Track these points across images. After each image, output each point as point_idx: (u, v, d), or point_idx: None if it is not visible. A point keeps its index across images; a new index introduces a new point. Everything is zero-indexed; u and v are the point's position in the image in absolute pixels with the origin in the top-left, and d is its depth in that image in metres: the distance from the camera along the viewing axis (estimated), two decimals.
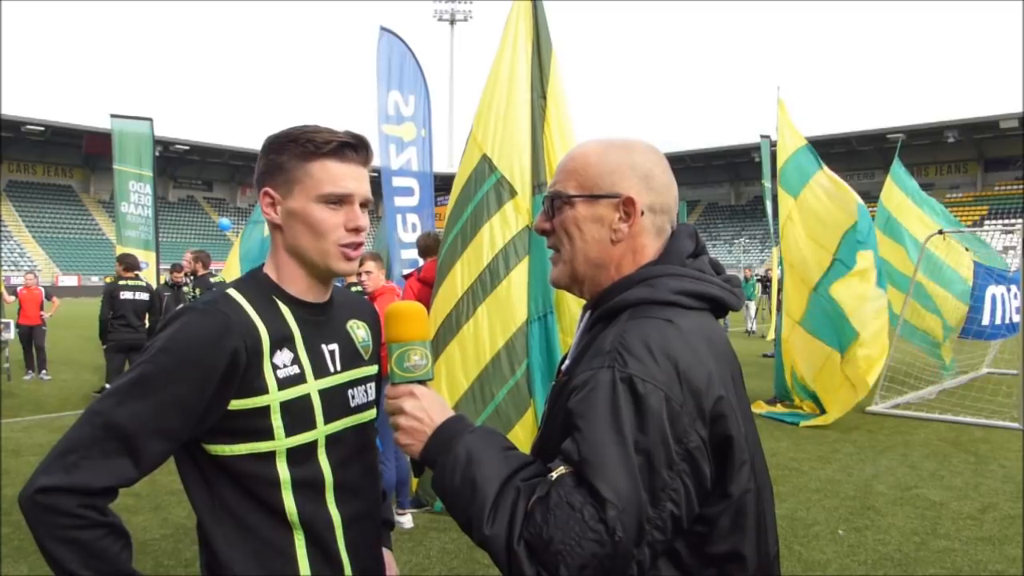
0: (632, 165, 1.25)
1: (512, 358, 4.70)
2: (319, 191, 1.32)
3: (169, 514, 5.01)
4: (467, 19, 70.85)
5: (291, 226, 1.35)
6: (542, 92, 4.88)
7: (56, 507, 1.16)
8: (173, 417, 1.22)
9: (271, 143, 1.37)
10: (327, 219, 1.33)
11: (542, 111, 4.87)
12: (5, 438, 7.29)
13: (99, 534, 1.19)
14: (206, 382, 1.23)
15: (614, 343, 1.11)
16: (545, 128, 4.85)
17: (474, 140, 4.95)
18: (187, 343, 1.24)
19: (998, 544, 4.53)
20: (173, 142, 53.31)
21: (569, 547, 1.00)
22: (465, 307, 4.77)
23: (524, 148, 4.81)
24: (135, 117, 10.95)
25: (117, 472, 1.20)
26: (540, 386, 4.69)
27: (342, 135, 1.35)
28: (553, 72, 4.91)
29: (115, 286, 8.43)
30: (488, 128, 4.86)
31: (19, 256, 48.03)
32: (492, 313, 4.73)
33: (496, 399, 4.68)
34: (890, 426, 7.93)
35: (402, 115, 7.30)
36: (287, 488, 1.31)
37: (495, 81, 4.92)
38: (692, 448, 1.07)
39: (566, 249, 1.27)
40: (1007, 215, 48.72)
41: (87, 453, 1.18)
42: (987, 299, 8.93)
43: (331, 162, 1.33)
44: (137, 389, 1.22)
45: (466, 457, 1.12)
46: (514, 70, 4.88)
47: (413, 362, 1.23)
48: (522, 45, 4.90)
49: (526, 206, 4.81)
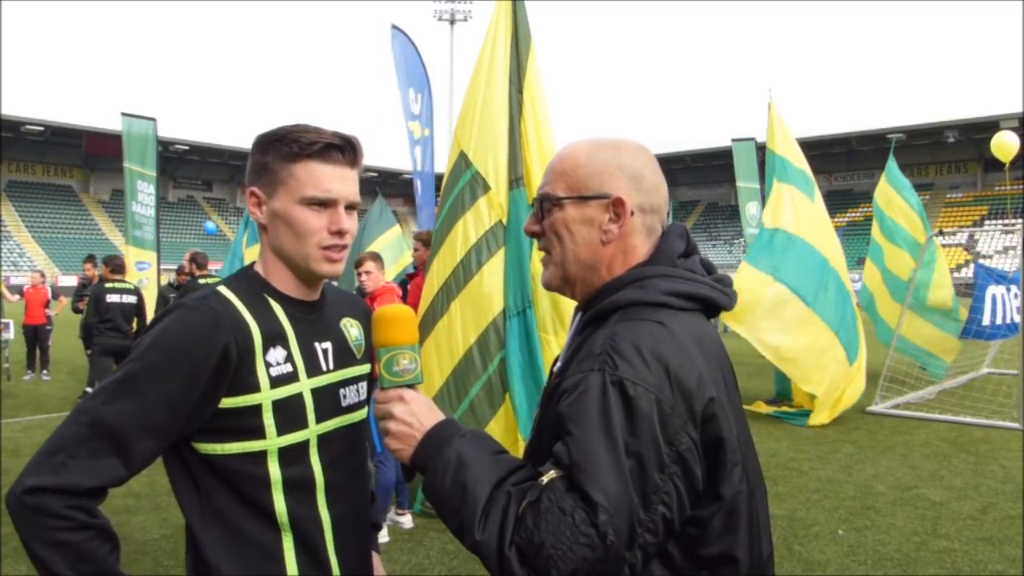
0: (621, 165, 1.24)
1: (485, 353, 4.70)
2: (302, 193, 1.31)
3: (169, 514, 5.00)
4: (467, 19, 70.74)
5: (275, 226, 1.34)
6: (519, 86, 4.88)
7: (43, 508, 1.14)
8: (162, 415, 1.20)
9: (259, 142, 1.35)
10: (309, 221, 1.31)
11: (519, 105, 4.87)
12: (5, 438, 7.29)
13: (87, 536, 1.17)
14: (196, 378, 1.21)
15: (604, 346, 1.10)
16: (521, 122, 4.85)
17: (456, 138, 4.99)
18: (176, 339, 1.22)
19: (998, 544, 4.53)
20: (173, 142, 53.27)
21: (560, 551, 1.00)
22: (440, 303, 4.79)
23: (501, 143, 4.82)
24: (141, 116, 10.95)
25: (106, 472, 1.18)
26: (519, 383, 4.67)
27: (328, 136, 1.33)
28: (531, 65, 4.91)
29: (101, 289, 7.95)
30: (467, 125, 4.89)
31: (19, 256, 48.00)
32: (465, 308, 4.74)
33: (470, 394, 4.69)
34: (890, 426, 7.93)
35: (413, 113, 7.33)
36: (277, 488, 1.29)
37: (477, 79, 4.95)
38: (683, 450, 1.07)
39: (556, 251, 1.27)
40: (1007, 215, 48.74)
41: (75, 452, 1.16)
42: (987, 299, 8.93)
43: (316, 163, 1.31)
44: (125, 387, 1.20)
45: (456, 461, 1.11)
46: (492, 66, 4.90)
47: (402, 366, 1.22)
48: (501, 41, 4.91)
49: (500, 201, 4.82)
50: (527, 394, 4.66)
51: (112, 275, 8.09)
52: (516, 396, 4.65)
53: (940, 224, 51.42)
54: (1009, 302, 9.11)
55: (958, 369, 10.84)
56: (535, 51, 4.96)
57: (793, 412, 8.35)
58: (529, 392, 4.67)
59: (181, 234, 54.86)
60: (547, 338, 4.71)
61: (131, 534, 4.62)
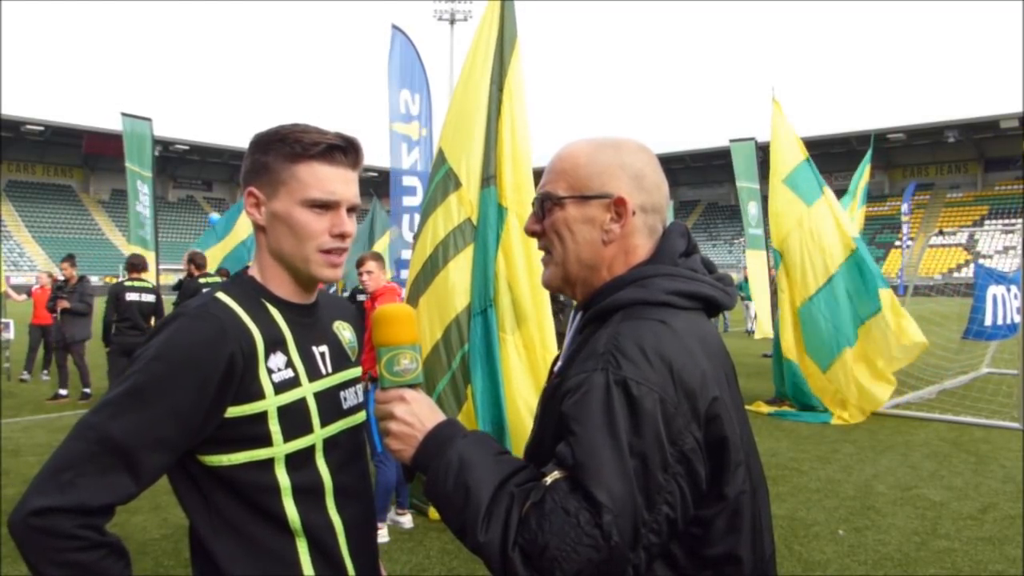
0: (622, 165, 1.23)
1: (449, 349, 4.74)
2: (304, 195, 1.28)
3: (169, 514, 5.00)
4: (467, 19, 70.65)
5: (274, 228, 1.31)
6: (500, 84, 4.88)
7: (53, 529, 1.09)
8: (171, 427, 1.16)
9: (258, 141, 1.32)
10: (311, 223, 1.29)
11: (498, 104, 4.87)
12: (5, 438, 7.28)
13: (100, 555, 1.13)
14: (203, 390, 1.18)
15: (608, 345, 1.10)
16: (499, 121, 4.86)
17: (442, 137, 5.02)
18: (182, 350, 1.19)
19: (998, 544, 4.52)
20: (173, 142, 53.28)
21: (565, 553, 0.99)
22: (410, 300, 4.84)
23: (476, 141, 4.84)
24: (138, 117, 10.94)
25: (116, 489, 1.14)
26: (480, 381, 4.71)
27: (331, 136, 1.30)
28: (514, 64, 4.92)
29: (120, 287, 8.19)
30: (447, 122, 4.94)
31: (19, 256, 47.98)
32: (431, 305, 4.78)
33: (436, 390, 4.73)
34: (890, 426, 7.92)
35: (411, 114, 7.31)
36: (287, 495, 1.27)
37: (465, 82, 4.98)
38: (687, 450, 1.06)
39: (557, 251, 1.26)
40: (1007, 215, 48.72)
41: (82, 470, 1.12)
42: (988, 299, 8.93)
43: (318, 165, 1.28)
44: (132, 400, 1.16)
45: (459, 462, 1.11)
46: (474, 65, 4.92)
47: (403, 366, 1.21)
48: (486, 40, 4.93)
49: (471, 199, 4.83)
50: (483, 391, 4.72)
51: (131, 273, 8.30)
52: (476, 394, 4.71)
53: (940, 224, 51.45)
54: (1009, 302, 9.11)
55: (958, 369, 10.84)
56: (519, 50, 4.96)
57: (795, 412, 8.34)
58: (485, 389, 4.72)
59: (181, 234, 54.84)
60: (505, 337, 4.75)
61: (131, 534, 4.63)
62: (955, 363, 10.70)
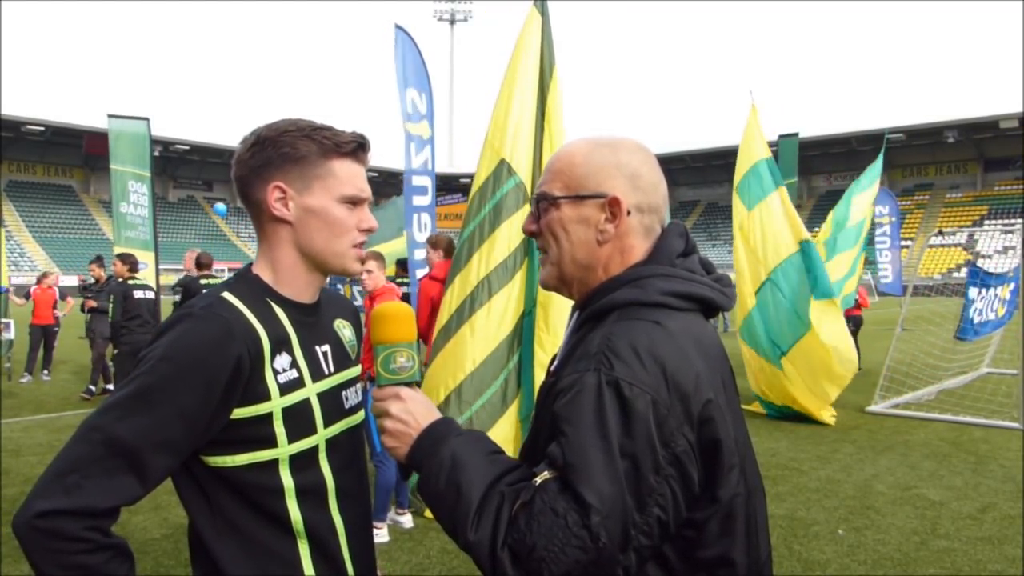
0: (618, 164, 1.23)
1: (511, 346, 4.99)
2: (342, 191, 1.30)
3: (169, 514, 5.01)
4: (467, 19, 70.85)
5: (307, 223, 1.30)
6: (542, 110, 5.14)
7: (59, 532, 1.09)
8: (178, 429, 1.16)
9: (281, 134, 1.30)
10: (346, 219, 1.32)
11: (541, 129, 5.14)
12: (5, 438, 7.29)
13: (106, 557, 1.13)
14: (210, 391, 1.17)
15: (601, 345, 1.09)
16: (544, 142, 5.12)
17: (491, 146, 5.15)
18: (189, 351, 1.17)
19: (998, 544, 4.53)
20: (173, 142, 53.30)
21: (553, 553, 0.99)
22: (479, 295, 4.99)
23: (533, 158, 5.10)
24: (132, 117, 10.90)
25: (122, 491, 1.13)
26: (526, 377, 4.98)
27: (358, 135, 1.34)
28: (553, 90, 5.16)
29: (127, 287, 8.38)
30: (506, 136, 5.10)
31: (19, 256, 47.97)
32: (505, 303, 5.00)
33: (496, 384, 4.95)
34: (890, 426, 7.93)
35: (419, 112, 7.31)
36: (291, 496, 1.26)
37: (510, 89, 5.11)
38: (679, 452, 1.05)
39: (553, 251, 1.26)
40: (1007, 215, 48.74)
41: (88, 472, 1.11)
42: (975, 298, 8.97)
43: (350, 162, 1.32)
44: (138, 402, 1.15)
45: (451, 461, 1.11)
46: (524, 83, 5.11)
47: (399, 364, 1.21)
48: (532, 59, 5.13)
49: None
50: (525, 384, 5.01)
51: (132, 273, 8.52)
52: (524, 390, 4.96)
53: (940, 224, 51.47)
54: (989, 299, 9.20)
55: (958, 369, 10.84)
56: (558, 79, 5.21)
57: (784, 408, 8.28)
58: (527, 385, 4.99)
59: (181, 234, 54.87)
60: (539, 335, 5.02)
61: (131, 534, 4.63)
62: (955, 363, 10.71)
